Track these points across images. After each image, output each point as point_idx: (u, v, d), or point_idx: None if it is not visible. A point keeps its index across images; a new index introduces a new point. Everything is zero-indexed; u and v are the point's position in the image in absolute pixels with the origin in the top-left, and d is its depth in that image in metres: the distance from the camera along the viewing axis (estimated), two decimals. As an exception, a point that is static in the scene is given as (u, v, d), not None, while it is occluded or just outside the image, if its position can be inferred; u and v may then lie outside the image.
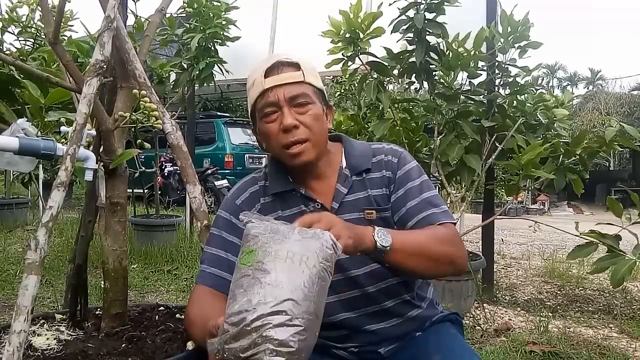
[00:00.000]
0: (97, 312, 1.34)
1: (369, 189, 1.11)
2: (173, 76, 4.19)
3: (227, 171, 8.62)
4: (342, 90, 5.98)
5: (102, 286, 2.09)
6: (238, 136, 9.40)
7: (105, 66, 1.06)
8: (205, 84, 4.03)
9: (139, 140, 1.51)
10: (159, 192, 5.55)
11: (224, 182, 7.72)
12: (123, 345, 1.13)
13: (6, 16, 2.73)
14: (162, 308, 1.39)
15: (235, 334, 0.75)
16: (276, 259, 0.79)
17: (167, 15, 3.44)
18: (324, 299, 0.81)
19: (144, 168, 4.27)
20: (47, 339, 1.16)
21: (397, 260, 0.93)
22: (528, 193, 12.05)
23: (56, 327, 1.24)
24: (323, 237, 0.82)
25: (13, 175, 6.37)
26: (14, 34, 2.81)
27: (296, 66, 1.07)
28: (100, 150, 1.23)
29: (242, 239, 0.86)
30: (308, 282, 0.78)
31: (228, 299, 0.81)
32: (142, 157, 4.78)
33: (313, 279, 0.79)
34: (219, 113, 10.60)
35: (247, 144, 9.36)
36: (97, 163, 1.20)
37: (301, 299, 0.76)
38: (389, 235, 0.93)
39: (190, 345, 1.08)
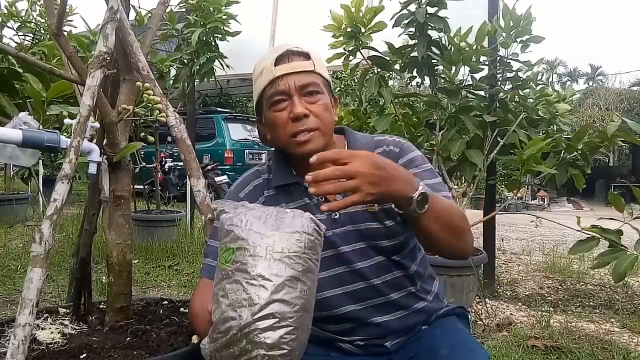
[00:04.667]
0: (101, 306, 1.34)
1: None
2: (173, 71, 4.17)
3: (227, 167, 8.63)
4: (343, 86, 5.96)
5: (105, 280, 2.09)
6: (238, 132, 9.41)
7: (108, 58, 1.05)
8: (205, 80, 4.02)
9: (143, 134, 1.49)
10: (159, 187, 5.55)
11: (224, 178, 7.73)
12: (128, 339, 1.13)
13: (5, 11, 2.72)
14: (166, 302, 1.39)
15: (224, 342, 0.72)
16: (255, 256, 0.74)
17: (168, 10, 3.42)
18: (312, 290, 0.77)
19: (144, 163, 4.25)
20: (52, 332, 1.15)
21: (426, 221, 0.88)
22: (528, 189, 12.09)
23: (60, 321, 1.23)
24: (303, 222, 0.77)
25: (13, 171, 6.36)
26: (13, 28, 2.80)
27: (306, 56, 1.06)
28: (104, 143, 1.22)
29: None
30: (293, 278, 0.73)
31: (212, 302, 0.78)
32: (142, 152, 4.77)
33: (298, 273, 0.74)
34: (218, 109, 10.60)
35: (247, 139, 9.37)
36: (100, 156, 1.20)
37: (287, 297, 0.72)
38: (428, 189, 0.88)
39: (195, 339, 1.08)
